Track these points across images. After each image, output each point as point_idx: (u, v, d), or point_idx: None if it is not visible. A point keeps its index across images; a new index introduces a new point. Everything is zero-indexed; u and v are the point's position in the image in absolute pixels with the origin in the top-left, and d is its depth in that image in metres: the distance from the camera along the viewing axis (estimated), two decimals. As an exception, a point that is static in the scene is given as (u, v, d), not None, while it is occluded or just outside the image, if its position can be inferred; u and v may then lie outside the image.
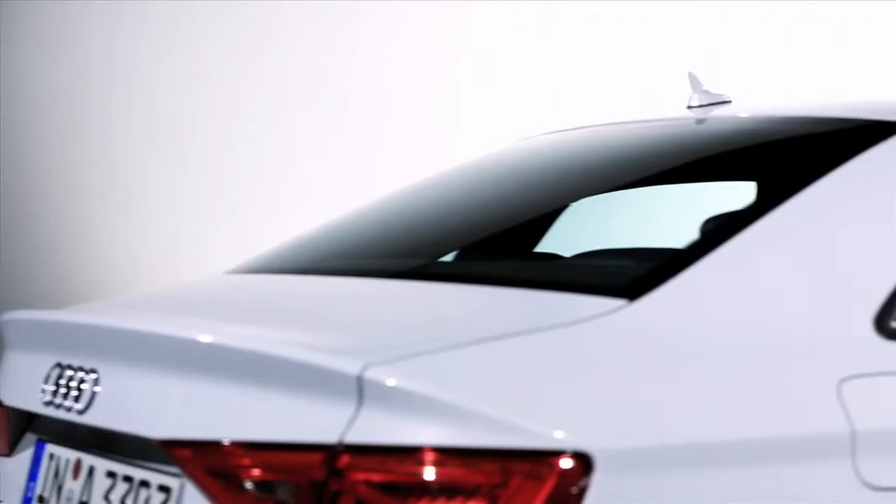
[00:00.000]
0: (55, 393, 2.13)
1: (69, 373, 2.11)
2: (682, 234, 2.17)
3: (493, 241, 2.68)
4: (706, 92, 2.78)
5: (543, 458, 1.70)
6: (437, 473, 1.69)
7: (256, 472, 1.76)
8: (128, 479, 1.99)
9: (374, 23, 6.26)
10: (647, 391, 1.80)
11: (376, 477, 1.70)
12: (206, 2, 6.62)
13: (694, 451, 1.78)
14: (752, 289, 1.96)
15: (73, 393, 2.08)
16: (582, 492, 1.70)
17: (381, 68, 6.21)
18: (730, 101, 2.80)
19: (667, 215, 2.97)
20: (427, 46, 6.14)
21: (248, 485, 1.76)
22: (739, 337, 1.89)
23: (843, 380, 1.89)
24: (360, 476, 1.70)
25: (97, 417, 2.03)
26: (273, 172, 6.37)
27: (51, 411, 2.14)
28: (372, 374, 1.71)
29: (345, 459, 1.71)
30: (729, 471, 1.79)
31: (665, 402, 1.80)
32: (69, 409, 2.08)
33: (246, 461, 1.77)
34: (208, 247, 6.32)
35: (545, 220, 2.91)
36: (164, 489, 1.91)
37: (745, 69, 5.37)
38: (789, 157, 2.40)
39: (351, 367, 1.72)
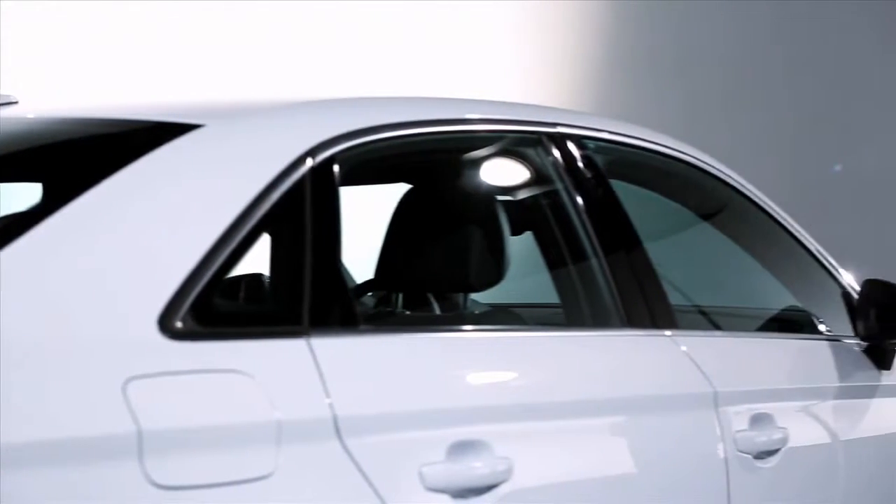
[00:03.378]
0: None
1: None
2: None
3: None
4: (-7, 93, 2.80)
5: None
6: None
7: None
8: None
9: None
10: None
11: None
12: None
13: None
14: (39, 290, 2.01)
15: None
16: None
17: None
18: (16, 102, 2.84)
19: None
20: None
21: None
22: (25, 339, 1.94)
23: (129, 380, 1.97)
24: None
25: None
26: None
27: None
28: None
29: None
30: (16, 474, 1.84)
31: None
32: None
33: None
34: None
35: None
36: None
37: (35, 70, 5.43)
38: (76, 158, 2.47)
39: None
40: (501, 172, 3.04)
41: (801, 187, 7.65)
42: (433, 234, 2.78)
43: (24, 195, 2.46)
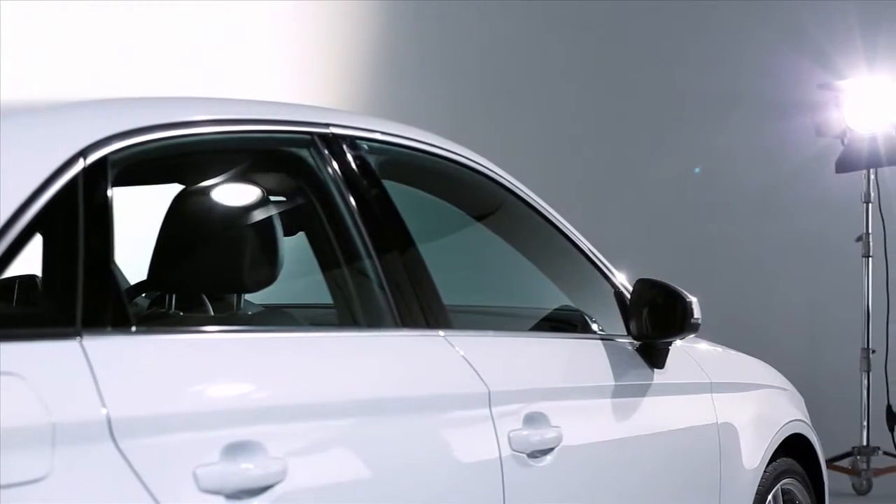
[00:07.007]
0: None
1: None
2: None
3: None
4: None
5: None
6: None
7: None
8: None
9: None
10: None
11: None
12: None
13: None
14: None
15: None
16: None
17: None
18: None
19: None
20: None
21: None
22: None
23: None
24: None
25: None
26: None
27: None
28: None
29: None
30: None
31: None
32: None
33: None
34: None
35: None
36: None
37: None
38: None
39: None
40: (274, 173, 3.15)
41: (572, 187, 7.92)
42: (205, 235, 2.87)
43: None
